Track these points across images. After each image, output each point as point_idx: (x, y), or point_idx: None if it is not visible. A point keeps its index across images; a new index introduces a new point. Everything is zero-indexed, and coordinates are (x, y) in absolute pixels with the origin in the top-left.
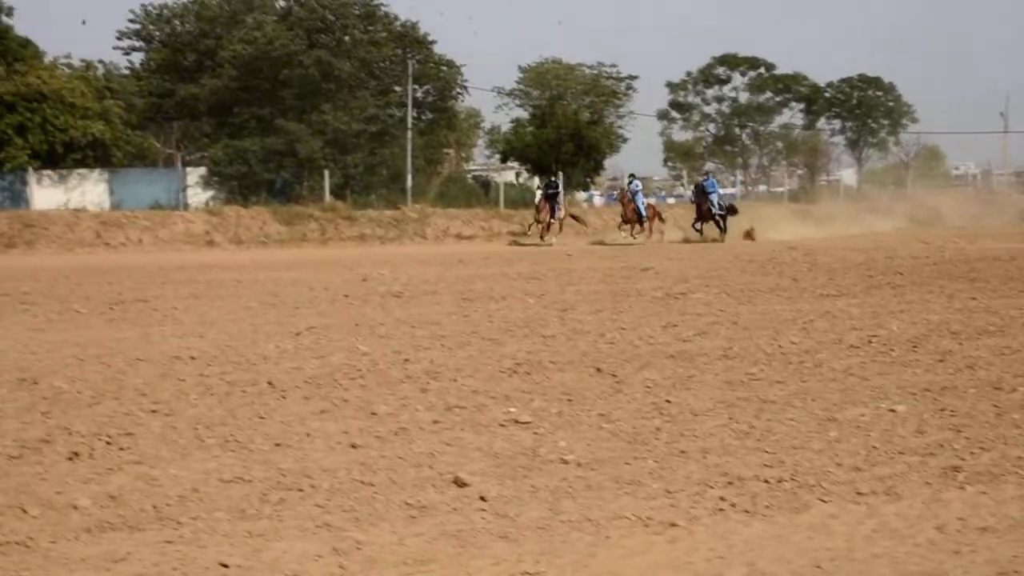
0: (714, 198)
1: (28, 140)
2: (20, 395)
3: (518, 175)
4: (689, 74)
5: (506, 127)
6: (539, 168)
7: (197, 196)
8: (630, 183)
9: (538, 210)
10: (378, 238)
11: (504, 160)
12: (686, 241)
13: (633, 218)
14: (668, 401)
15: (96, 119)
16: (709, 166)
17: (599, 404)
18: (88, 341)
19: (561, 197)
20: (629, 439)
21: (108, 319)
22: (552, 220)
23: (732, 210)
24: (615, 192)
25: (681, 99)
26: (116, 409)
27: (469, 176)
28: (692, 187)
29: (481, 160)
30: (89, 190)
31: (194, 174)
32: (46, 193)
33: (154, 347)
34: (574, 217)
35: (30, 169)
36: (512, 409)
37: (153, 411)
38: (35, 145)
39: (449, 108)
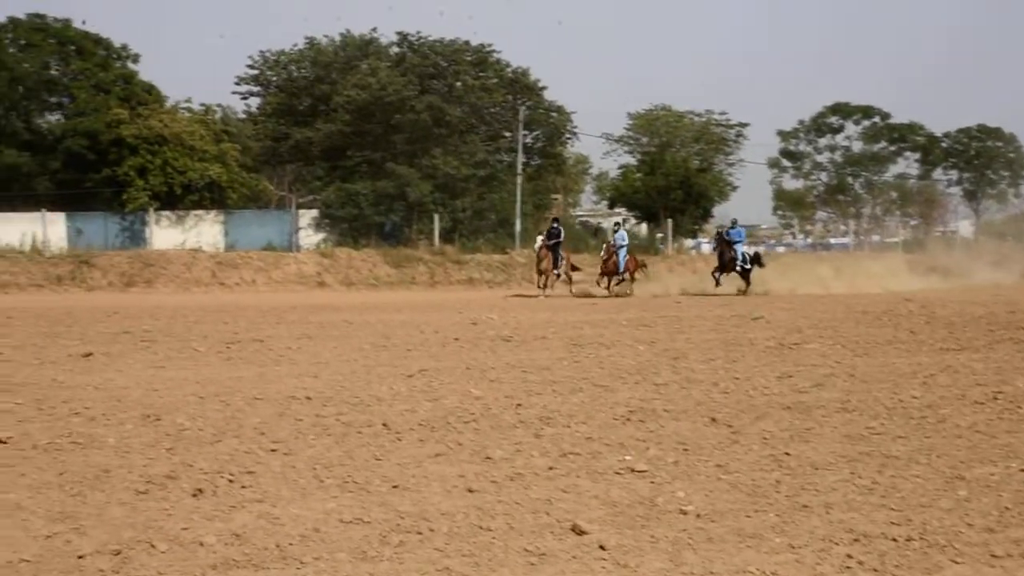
0: (739, 248)
1: (149, 181)
2: (145, 431)
3: (625, 221)
4: (801, 122)
5: (614, 173)
6: (647, 214)
7: (309, 238)
8: (615, 232)
9: (539, 259)
10: (486, 282)
11: (612, 206)
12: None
13: (611, 270)
14: (787, 454)
15: (213, 162)
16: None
17: (716, 454)
18: (207, 379)
19: (561, 248)
20: (749, 491)
21: (225, 358)
22: (556, 271)
23: (758, 261)
24: (711, 241)
25: (792, 147)
26: (237, 447)
27: (577, 222)
28: (715, 235)
29: (588, 206)
30: (205, 231)
31: (306, 216)
32: (164, 233)
33: (271, 386)
34: (573, 269)
35: (151, 210)
36: (628, 457)
37: (272, 450)
38: (155, 186)
39: (558, 153)
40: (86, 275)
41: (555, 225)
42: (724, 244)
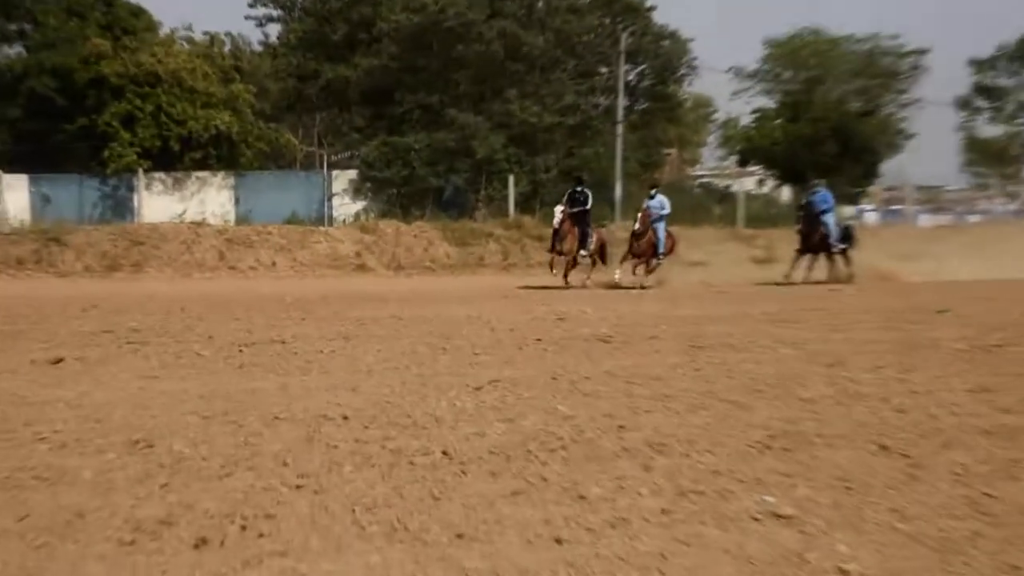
0: (829, 220)
1: (137, 134)
2: (132, 462)
3: (761, 182)
4: (1002, 49)
5: (746, 120)
6: (790, 174)
7: (345, 207)
8: (651, 197)
9: (559, 237)
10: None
11: (743, 163)
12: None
13: (647, 251)
14: (988, 495)
15: (221, 108)
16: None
17: (889, 495)
18: (214, 393)
19: (589, 219)
20: (936, 546)
21: (237, 365)
22: (583, 252)
23: (850, 238)
24: (892, 207)
25: (989, 82)
26: (252, 483)
27: (696, 184)
28: (798, 207)
29: (712, 163)
30: (211, 198)
31: (342, 179)
32: (157, 201)
33: (296, 402)
34: (600, 252)
35: (139, 171)
36: (768, 498)
37: (298, 486)
38: (145, 140)
39: (671, 95)
40: (56, 256)
41: (580, 188)
42: (808, 217)
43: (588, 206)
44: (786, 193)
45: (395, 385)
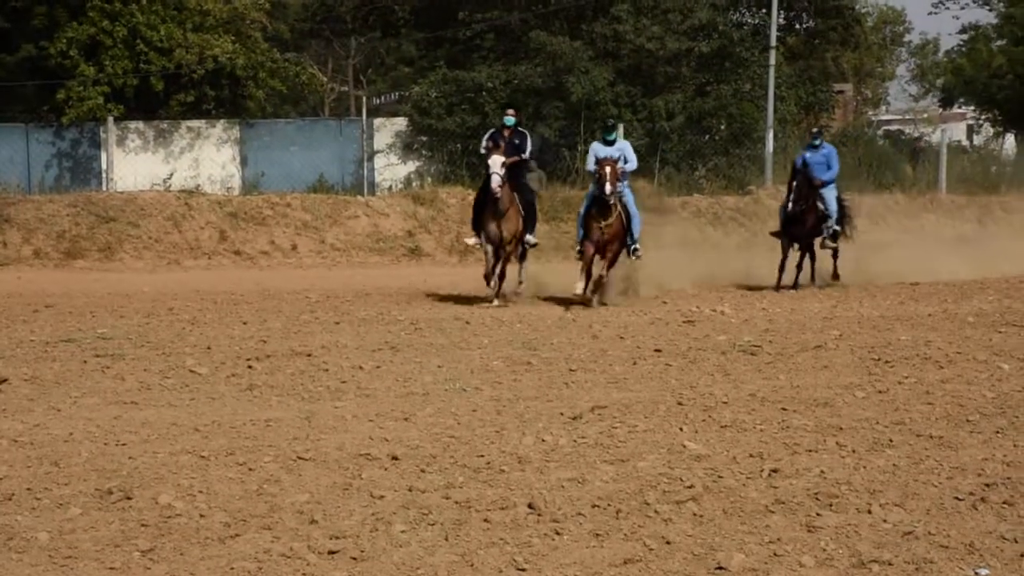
0: (830, 196)
1: (105, 68)
2: (103, 519)
3: (974, 130)
4: None
5: (949, 44)
6: (1016, 117)
7: (391, 169)
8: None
9: (490, 213)
10: (711, 243)
11: (947, 103)
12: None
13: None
14: None
15: (220, 32)
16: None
17: None
18: (214, 425)
19: (537, 179)
20: None
21: (245, 386)
22: (527, 241)
23: (843, 219)
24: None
25: None
26: (267, 547)
27: (880, 133)
28: (793, 173)
29: (903, 105)
30: (207, 157)
31: (387, 130)
32: (133, 162)
33: (326, 437)
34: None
35: (108, 119)
36: (983, 570)
37: (331, 552)
38: (116, 77)
39: (846, 9)
40: None
41: (511, 126)
42: (801, 188)
43: (527, 155)
44: (1010, 144)
45: (462, 414)
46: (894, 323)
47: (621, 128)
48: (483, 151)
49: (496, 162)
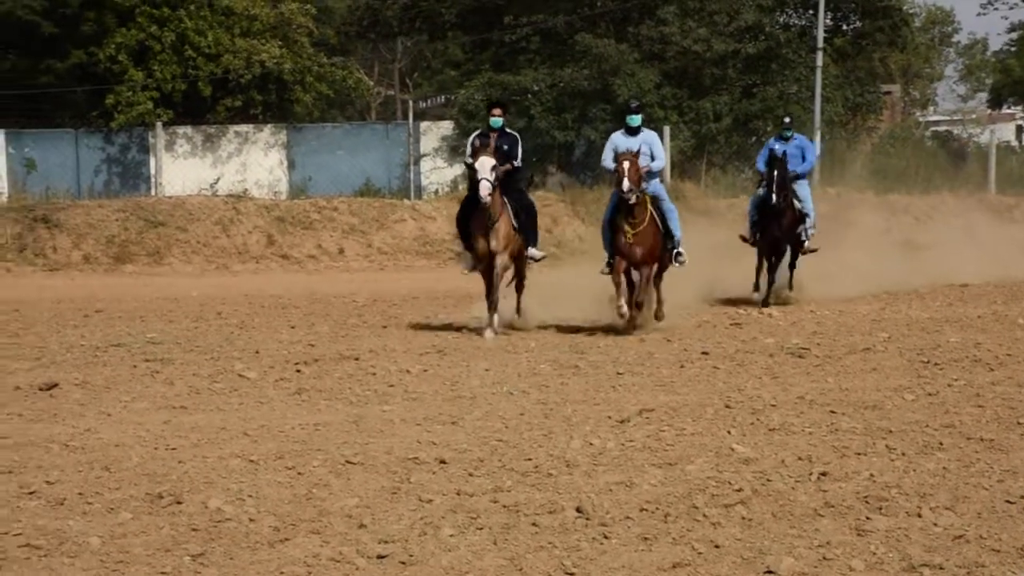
0: (806, 193)
1: (153, 73)
2: (153, 524)
3: (1022, 131)
4: None
5: (999, 43)
6: None
7: (438, 172)
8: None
9: (479, 225)
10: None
11: (996, 104)
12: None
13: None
14: None
15: (268, 37)
16: None
17: None
18: (263, 429)
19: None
20: None
21: (294, 389)
22: (529, 253)
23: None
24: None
25: None
26: (316, 551)
27: (928, 134)
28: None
29: (951, 105)
30: (255, 161)
31: (433, 133)
32: (182, 166)
33: (375, 441)
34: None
35: (156, 125)
36: None
37: (380, 556)
38: (164, 82)
39: (893, 9)
40: (45, 242)
41: (498, 128)
42: (777, 182)
43: (518, 162)
44: None
45: (510, 417)
46: (943, 325)
47: (640, 117)
48: (468, 157)
49: (485, 165)
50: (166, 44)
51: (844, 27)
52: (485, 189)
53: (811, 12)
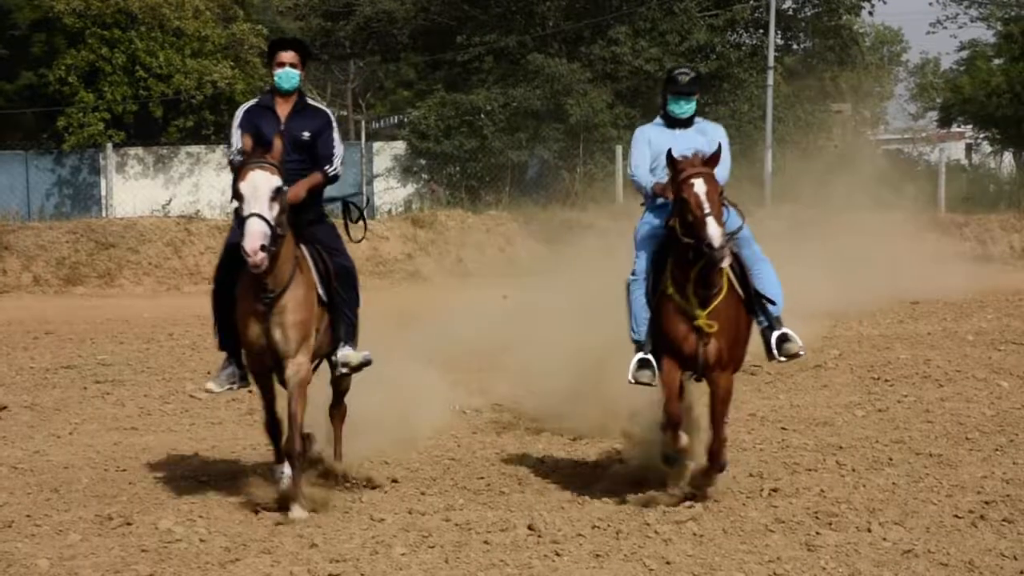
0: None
1: (104, 94)
2: (103, 545)
3: (972, 149)
4: None
5: (949, 62)
6: (1015, 136)
7: (390, 192)
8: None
9: (237, 317)
10: None
11: (946, 122)
12: None
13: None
14: None
15: (219, 58)
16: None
17: None
18: (215, 450)
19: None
20: None
21: (244, 411)
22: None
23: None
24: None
25: None
26: (269, 571)
27: (878, 152)
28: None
29: (902, 124)
30: (207, 182)
31: (386, 153)
32: (133, 187)
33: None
34: None
35: (107, 146)
36: None
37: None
38: (115, 103)
39: (843, 28)
40: None
41: (292, 91)
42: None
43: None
44: (1008, 163)
45: (462, 435)
46: (893, 342)
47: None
48: (233, 160)
49: (260, 190)
50: (117, 65)
51: (794, 47)
52: (254, 242)
53: (762, 32)
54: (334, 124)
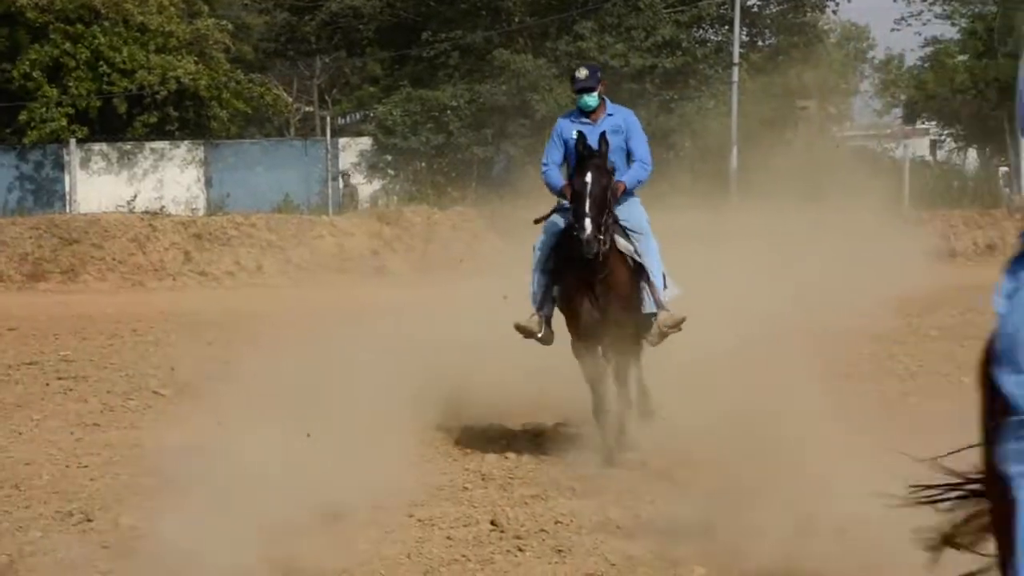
0: (637, 222)
1: (67, 89)
2: (64, 541)
3: (937, 145)
4: None
5: (914, 59)
6: (978, 132)
7: (359, 188)
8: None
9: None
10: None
11: (910, 118)
12: None
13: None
14: None
15: (184, 53)
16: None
17: None
18: (177, 444)
19: None
20: None
21: (210, 406)
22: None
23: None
24: None
25: None
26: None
27: (843, 149)
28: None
29: (867, 120)
30: (171, 178)
31: (352, 149)
32: (97, 184)
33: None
34: None
35: (70, 141)
36: None
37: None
38: (79, 98)
39: (808, 25)
40: None
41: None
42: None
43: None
44: (972, 159)
45: (428, 429)
46: (854, 337)
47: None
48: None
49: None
50: (80, 60)
51: (760, 43)
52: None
53: (727, 28)
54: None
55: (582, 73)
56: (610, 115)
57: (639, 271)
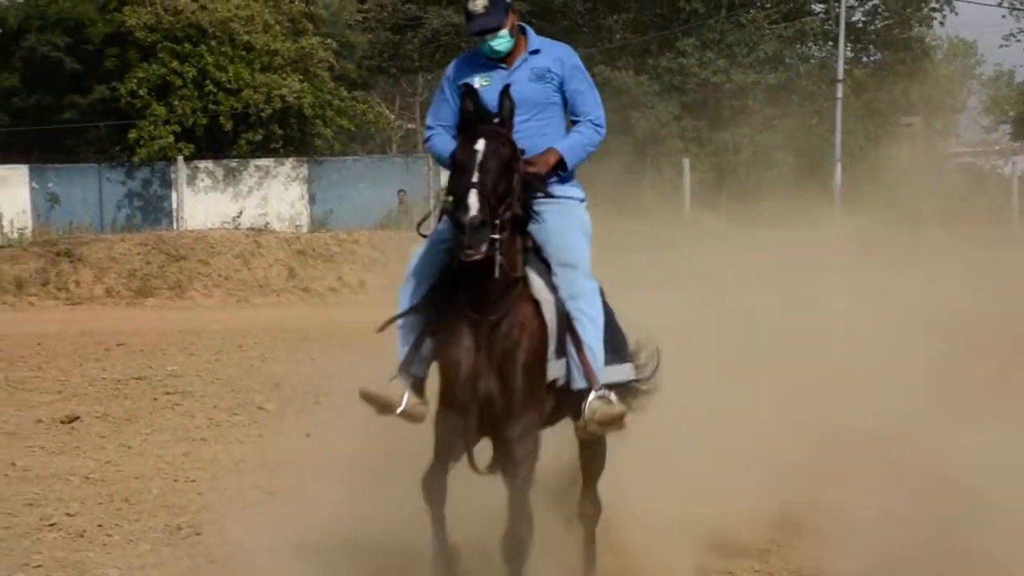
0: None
1: (175, 108)
2: (172, 555)
3: None
4: None
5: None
6: None
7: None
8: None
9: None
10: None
11: (1020, 136)
12: None
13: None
14: None
15: (288, 72)
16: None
17: None
18: (281, 462)
19: None
20: None
21: (314, 421)
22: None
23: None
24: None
25: None
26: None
27: (951, 166)
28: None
29: (975, 136)
30: (276, 195)
31: None
32: (203, 200)
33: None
34: None
35: (178, 159)
36: None
37: None
38: (185, 117)
39: (914, 41)
40: (67, 276)
41: None
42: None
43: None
44: None
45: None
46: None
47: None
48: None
49: None
50: (187, 79)
51: (864, 59)
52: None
53: (831, 44)
54: None
55: (477, 5)
56: (534, 53)
57: (566, 325)
